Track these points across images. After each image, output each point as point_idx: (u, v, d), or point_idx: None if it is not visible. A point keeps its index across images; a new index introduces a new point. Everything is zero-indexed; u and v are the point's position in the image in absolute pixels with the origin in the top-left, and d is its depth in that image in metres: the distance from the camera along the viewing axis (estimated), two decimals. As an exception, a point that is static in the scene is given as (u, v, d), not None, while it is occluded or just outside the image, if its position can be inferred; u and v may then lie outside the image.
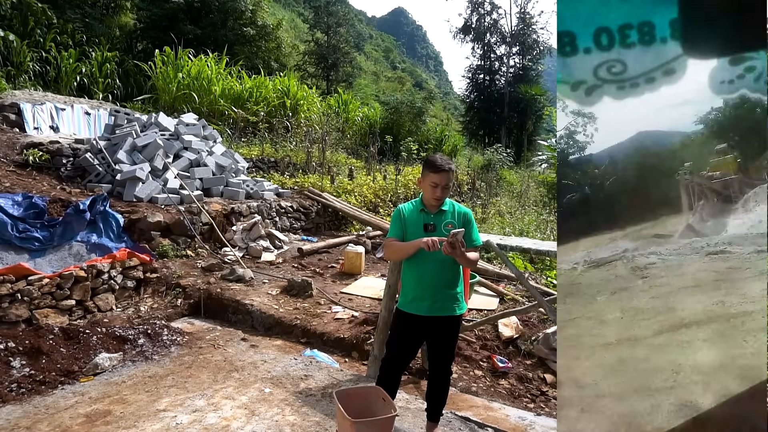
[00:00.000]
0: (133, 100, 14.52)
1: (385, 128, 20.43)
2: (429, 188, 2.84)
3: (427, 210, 2.92)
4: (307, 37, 35.44)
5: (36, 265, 4.93)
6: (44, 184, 6.48)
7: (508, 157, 22.24)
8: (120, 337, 4.33)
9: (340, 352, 4.81)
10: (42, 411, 3.27)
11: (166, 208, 6.81)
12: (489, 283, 6.16)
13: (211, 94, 14.42)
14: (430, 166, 2.83)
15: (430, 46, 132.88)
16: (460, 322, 3.09)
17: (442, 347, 3.02)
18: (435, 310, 2.91)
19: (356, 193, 10.92)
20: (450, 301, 2.94)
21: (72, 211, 5.49)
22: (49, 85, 12.77)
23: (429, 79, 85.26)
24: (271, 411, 3.38)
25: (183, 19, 19.13)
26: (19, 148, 7.43)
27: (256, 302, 5.47)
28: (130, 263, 5.51)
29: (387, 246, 2.97)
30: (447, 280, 2.93)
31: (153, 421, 3.18)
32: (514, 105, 35.08)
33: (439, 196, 2.84)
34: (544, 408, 3.91)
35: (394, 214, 3.00)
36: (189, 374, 3.92)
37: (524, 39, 37.46)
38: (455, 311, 2.96)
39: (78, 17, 15.66)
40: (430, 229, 2.86)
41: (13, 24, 12.56)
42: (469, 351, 4.59)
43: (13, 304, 4.43)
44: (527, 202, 13.87)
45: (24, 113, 8.93)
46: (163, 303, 5.50)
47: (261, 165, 11.42)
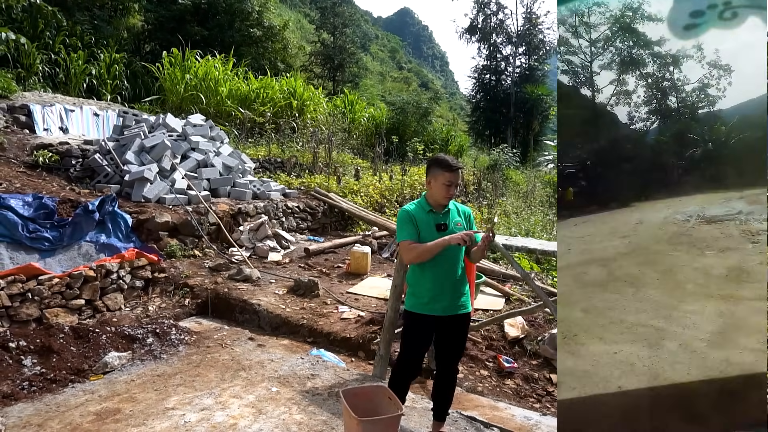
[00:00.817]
0: (141, 101, 14.61)
1: (391, 128, 20.43)
2: (442, 188, 2.85)
3: (435, 210, 2.93)
4: (313, 38, 35.53)
5: (46, 265, 4.99)
6: (54, 185, 6.55)
7: (514, 158, 22.15)
8: (129, 336, 4.38)
9: (346, 351, 4.84)
10: (53, 409, 3.31)
11: (173, 208, 6.86)
12: (495, 284, 6.17)
13: (218, 95, 14.49)
14: (442, 166, 2.84)
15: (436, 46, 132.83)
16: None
17: (455, 345, 3.04)
18: (452, 309, 2.94)
19: (362, 194, 10.94)
20: (464, 298, 2.99)
21: (81, 212, 5.55)
22: (58, 87, 12.88)
23: (435, 79, 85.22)
24: (278, 410, 3.41)
25: (190, 21, 19.24)
26: (30, 149, 7.52)
27: (263, 302, 5.51)
28: (138, 263, 5.56)
29: (409, 249, 2.83)
30: (461, 277, 2.98)
31: (162, 419, 3.22)
32: (521, 105, 34.95)
33: (451, 195, 2.89)
34: (549, 408, 3.91)
35: (402, 216, 2.92)
36: (197, 373, 3.96)
37: (530, 39, 37.31)
38: (468, 308, 3.01)
39: (86, 19, 15.77)
40: (442, 228, 2.89)
41: (24, 26, 12.67)
42: (475, 351, 4.60)
43: (24, 304, 4.49)
44: (533, 203, 13.83)
45: (34, 115, 9.02)
46: (171, 302, 5.55)
47: (268, 165, 11.46)
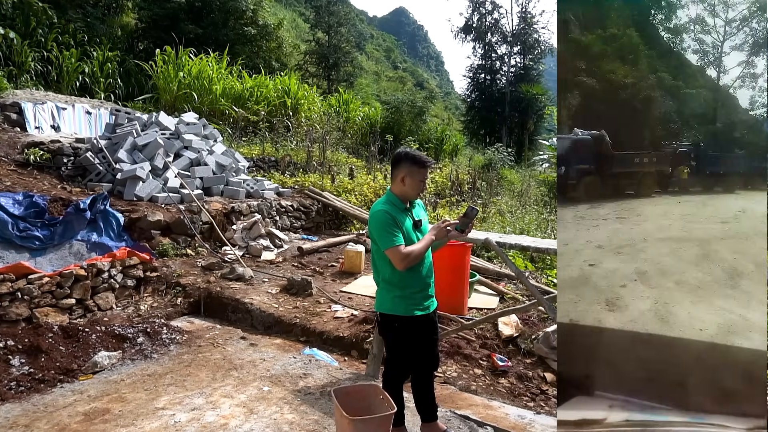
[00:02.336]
0: (134, 99, 14.53)
1: (386, 128, 20.41)
2: (418, 184, 2.78)
3: (407, 207, 2.85)
4: (308, 37, 35.43)
5: (36, 264, 4.94)
6: (45, 183, 6.49)
7: (508, 157, 22.19)
8: (119, 336, 4.33)
9: (339, 350, 4.81)
10: (41, 409, 3.27)
11: (166, 207, 6.81)
12: (489, 282, 6.16)
13: (211, 93, 14.43)
14: (417, 163, 2.76)
15: (431, 45, 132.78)
16: None
17: (436, 341, 3.01)
18: (435, 306, 2.94)
19: (357, 193, 10.92)
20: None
21: (72, 210, 5.50)
22: (50, 85, 12.78)
23: (430, 78, 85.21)
24: (269, 409, 3.38)
25: (184, 19, 19.15)
26: (20, 147, 7.44)
27: (255, 301, 5.47)
28: (130, 262, 5.51)
29: (404, 256, 2.65)
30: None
31: (151, 419, 3.18)
32: (515, 104, 35.04)
33: (423, 190, 2.87)
34: (543, 407, 3.90)
35: (385, 219, 2.70)
36: (188, 373, 3.92)
37: (525, 38, 37.43)
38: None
39: (79, 17, 15.67)
40: (418, 225, 2.86)
41: (15, 24, 12.58)
42: (468, 350, 4.58)
43: (14, 303, 4.44)
44: (528, 202, 13.84)
45: (25, 113, 8.95)
46: (162, 302, 5.51)
47: (261, 164, 11.42)
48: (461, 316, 5.07)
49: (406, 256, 2.65)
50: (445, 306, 4.70)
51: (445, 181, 14.52)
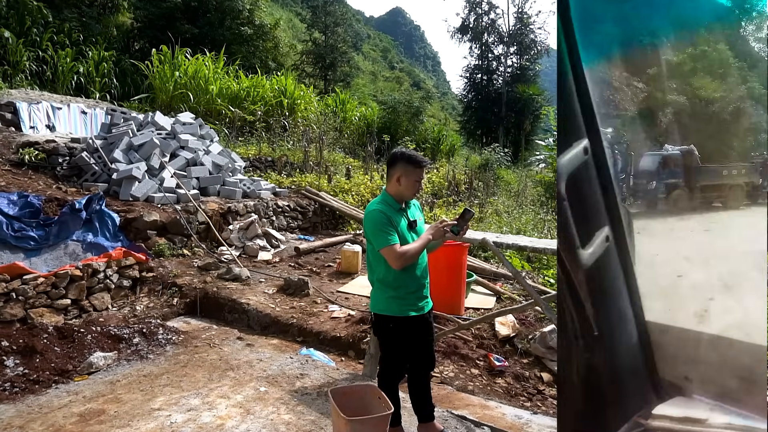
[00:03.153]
0: (130, 99, 14.47)
1: (383, 128, 20.39)
2: (414, 184, 2.78)
3: (403, 207, 2.86)
4: (304, 37, 35.39)
5: (31, 264, 4.91)
6: (40, 183, 6.46)
7: (505, 157, 22.20)
8: (115, 336, 4.32)
9: (336, 350, 4.80)
10: (35, 410, 3.25)
11: (162, 207, 6.79)
12: (486, 282, 6.16)
13: (208, 93, 14.38)
14: (414, 163, 2.76)
15: (427, 46, 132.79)
16: None
17: (431, 342, 3.01)
18: (430, 306, 2.93)
19: (353, 193, 10.91)
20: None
21: (68, 210, 5.47)
22: (45, 85, 12.72)
23: (427, 78, 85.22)
24: (266, 410, 3.37)
25: (180, 19, 19.10)
26: (15, 147, 7.40)
27: (252, 301, 5.46)
28: (126, 262, 5.48)
29: (400, 255, 2.63)
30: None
31: (147, 420, 3.17)
32: (512, 105, 35.08)
33: (419, 190, 2.86)
34: (540, 407, 3.90)
35: (380, 219, 2.69)
36: (184, 373, 3.91)
37: (522, 39, 37.43)
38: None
39: (75, 16, 15.61)
40: (414, 225, 2.86)
41: (10, 23, 12.52)
42: (465, 350, 4.58)
43: (8, 304, 4.40)
44: (524, 202, 13.86)
45: (20, 112, 8.88)
46: (159, 302, 5.48)
47: (258, 164, 11.39)
48: (458, 316, 5.07)
49: (401, 255, 2.64)
50: (442, 306, 4.70)
51: (442, 181, 14.52)
